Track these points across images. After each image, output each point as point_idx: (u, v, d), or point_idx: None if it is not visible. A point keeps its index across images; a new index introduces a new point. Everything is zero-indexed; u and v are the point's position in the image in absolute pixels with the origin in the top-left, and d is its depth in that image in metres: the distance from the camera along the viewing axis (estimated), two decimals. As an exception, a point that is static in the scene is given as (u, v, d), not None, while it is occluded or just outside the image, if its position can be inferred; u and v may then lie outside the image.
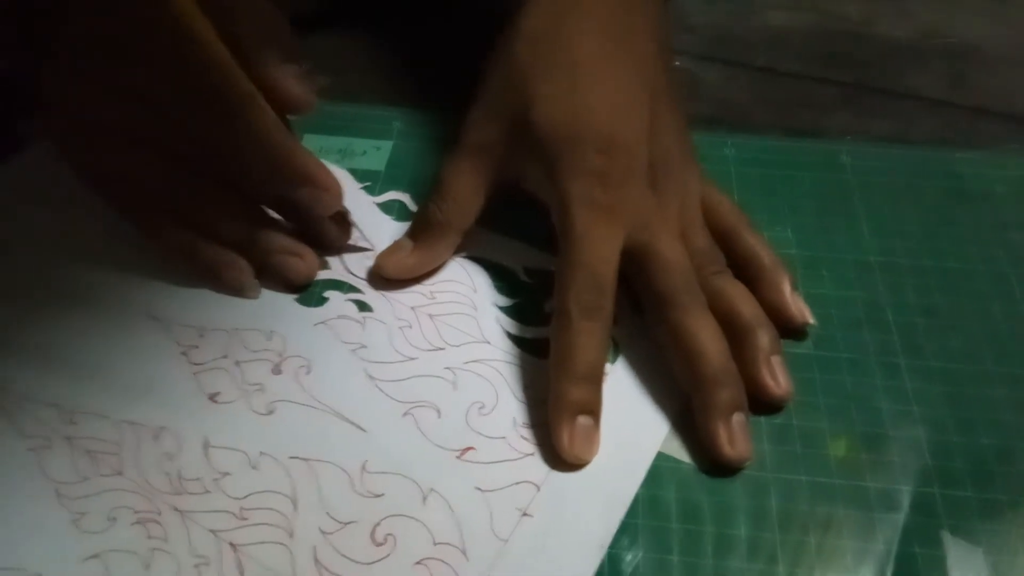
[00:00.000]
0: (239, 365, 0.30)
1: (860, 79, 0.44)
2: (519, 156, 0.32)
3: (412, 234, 0.33)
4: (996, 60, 0.45)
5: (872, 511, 0.27)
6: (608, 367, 0.30)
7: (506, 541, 0.26)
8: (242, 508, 0.26)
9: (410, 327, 0.32)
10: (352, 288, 0.33)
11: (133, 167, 0.32)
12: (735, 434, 0.27)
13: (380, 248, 0.34)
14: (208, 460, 0.27)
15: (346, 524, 0.26)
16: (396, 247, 0.33)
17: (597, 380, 0.29)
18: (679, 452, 0.28)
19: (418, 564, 0.25)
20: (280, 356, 0.30)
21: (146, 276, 0.32)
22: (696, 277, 0.30)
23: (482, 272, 0.34)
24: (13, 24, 0.33)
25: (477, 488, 0.27)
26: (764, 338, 0.29)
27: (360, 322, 0.32)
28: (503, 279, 0.33)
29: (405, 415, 0.29)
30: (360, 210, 0.35)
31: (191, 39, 0.28)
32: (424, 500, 0.27)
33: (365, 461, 0.27)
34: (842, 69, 0.44)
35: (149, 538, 0.25)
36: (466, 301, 0.33)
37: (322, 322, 0.32)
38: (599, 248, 0.30)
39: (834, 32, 0.47)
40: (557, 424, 0.28)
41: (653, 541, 0.26)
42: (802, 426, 0.29)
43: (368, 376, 0.30)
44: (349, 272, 0.34)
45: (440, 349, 0.31)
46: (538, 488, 0.27)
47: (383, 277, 0.33)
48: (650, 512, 0.27)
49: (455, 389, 0.30)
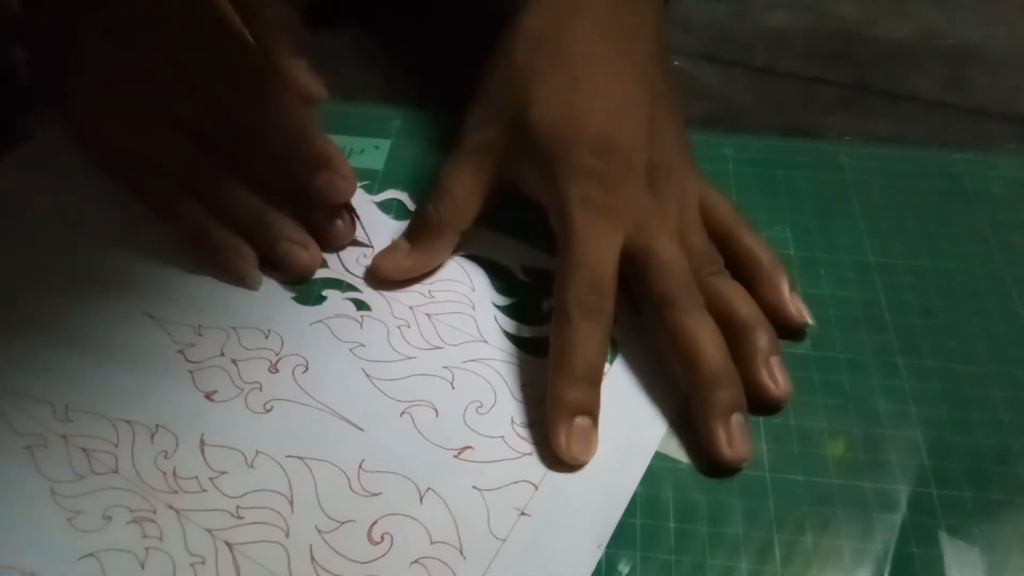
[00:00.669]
0: (236, 363, 0.30)
1: (859, 80, 0.44)
2: (518, 157, 0.32)
3: (410, 235, 0.33)
4: (995, 61, 0.45)
5: (870, 511, 0.27)
6: (606, 367, 0.30)
7: (504, 540, 0.26)
8: (238, 507, 0.26)
9: (408, 326, 0.31)
10: (350, 287, 0.33)
11: (153, 145, 0.33)
12: (734, 434, 0.27)
13: (379, 247, 0.34)
14: (204, 459, 0.27)
15: (343, 523, 0.26)
16: (393, 248, 0.33)
17: (596, 381, 0.29)
18: (677, 452, 0.28)
19: (415, 563, 0.25)
20: (277, 355, 0.30)
21: (143, 274, 0.32)
22: (694, 278, 0.30)
23: (480, 271, 0.34)
24: (46, 11, 0.35)
25: (475, 487, 0.27)
26: (763, 338, 0.29)
27: (358, 321, 0.32)
28: (501, 278, 0.33)
29: (403, 414, 0.29)
30: (359, 209, 0.35)
31: (221, 18, 0.31)
32: (421, 499, 0.26)
33: (362, 460, 0.27)
34: (841, 70, 0.44)
35: (144, 537, 0.25)
36: (464, 300, 0.32)
37: (320, 321, 0.32)
38: (598, 249, 0.30)
39: (833, 33, 0.47)
40: (555, 424, 0.28)
41: (651, 540, 0.26)
42: (800, 426, 0.29)
43: (366, 375, 0.30)
44: (347, 271, 0.33)
45: (438, 348, 0.31)
46: (536, 487, 0.27)
47: (380, 278, 0.33)
48: (648, 511, 0.27)
49: (453, 388, 0.30)
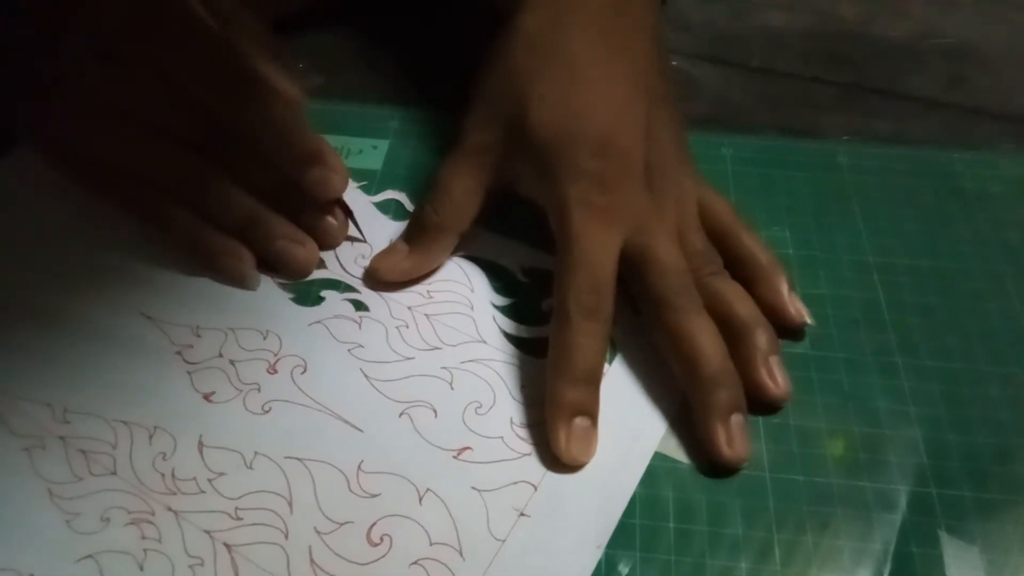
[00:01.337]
0: (234, 364, 0.30)
1: (857, 79, 0.44)
2: (516, 158, 0.32)
3: (408, 237, 0.33)
4: (993, 60, 0.45)
5: (869, 510, 0.27)
6: (606, 367, 0.30)
7: (503, 541, 0.26)
8: (237, 508, 0.26)
9: (407, 326, 0.31)
10: (349, 287, 0.33)
11: (142, 158, 0.33)
12: (733, 435, 0.27)
13: (377, 247, 0.34)
14: (203, 460, 0.27)
15: (342, 524, 0.26)
16: (391, 250, 0.33)
17: (595, 381, 0.28)
18: (677, 452, 0.28)
19: (414, 564, 0.25)
20: (276, 355, 0.30)
21: (140, 275, 0.32)
22: (693, 279, 0.30)
23: (479, 271, 0.34)
24: (31, 16, 0.34)
25: (474, 488, 0.27)
26: (762, 338, 0.29)
27: (356, 321, 0.32)
28: (500, 278, 0.33)
29: (401, 415, 0.29)
30: (357, 209, 0.35)
31: (202, 26, 0.31)
32: (420, 500, 0.26)
33: (361, 461, 0.27)
34: (839, 69, 0.44)
35: (143, 539, 0.25)
36: (463, 300, 0.32)
37: (318, 321, 0.31)
38: (597, 249, 0.30)
39: (831, 32, 0.47)
40: (554, 425, 0.28)
41: (650, 541, 0.26)
42: (799, 426, 0.29)
43: (364, 376, 0.30)
44: (345, 271, 0.33)
45: (437, 349, 0.31)
46: (535, 488, 0.27)
47: (378, 280, 0.33)
48: (647, 512, 0.27)
49: (452, 389, 0.30)
